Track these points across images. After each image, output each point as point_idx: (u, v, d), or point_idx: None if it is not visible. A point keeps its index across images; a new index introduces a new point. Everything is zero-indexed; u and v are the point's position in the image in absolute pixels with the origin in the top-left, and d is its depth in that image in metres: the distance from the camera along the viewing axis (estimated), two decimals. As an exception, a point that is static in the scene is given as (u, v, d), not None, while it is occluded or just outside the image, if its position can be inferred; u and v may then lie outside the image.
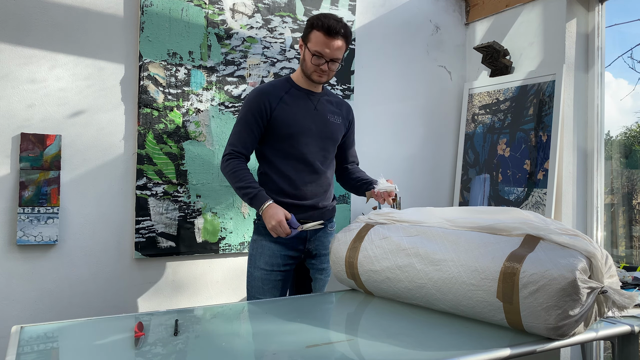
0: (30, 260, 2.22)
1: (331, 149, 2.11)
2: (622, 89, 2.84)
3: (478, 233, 1.55)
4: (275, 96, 2.01)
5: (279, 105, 2.00)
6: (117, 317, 1.61)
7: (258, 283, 2.03)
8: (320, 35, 1.92)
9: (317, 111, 2.06)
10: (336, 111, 2.13)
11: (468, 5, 3.31)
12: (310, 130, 2.03)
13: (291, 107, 2.01)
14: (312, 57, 1.95)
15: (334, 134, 2.10)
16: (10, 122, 2.18)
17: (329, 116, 2.09)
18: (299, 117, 2.01)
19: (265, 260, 2.02)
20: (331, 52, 1.94)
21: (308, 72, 2.00)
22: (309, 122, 2.03)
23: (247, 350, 1.31)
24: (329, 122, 2.08)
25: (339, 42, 1.95)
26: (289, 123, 1.99)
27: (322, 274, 2.15)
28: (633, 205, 2.78)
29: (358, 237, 1.83)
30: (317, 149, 2.05)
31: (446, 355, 1.25)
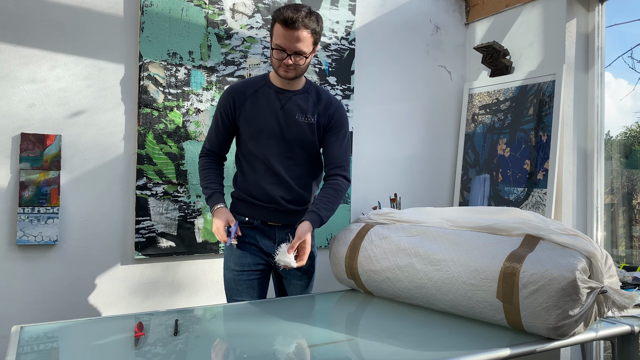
0: (30, 260, 2.22)
1: (297, 150, 1.96)
2: (622, 89, 2.84)
3: (478, 233, 1.55)
4: (242, 94, 1.96)
5: (245, 103, 1.95)
6: (117, 317, 1.61)
7: (232, 285, 1.98)
8: (279, 27, 1.81)
9: (283, 111, 1.95)
10: (310, 110, 1.96)
11: (468, 5, 3.31)
12: (272, 130, 1.93)
13: (255, 106, 1.95)
14: (274, 51, 1.85)
15: (300, 134, 1.95)
16: (10, 122, 2.18)
17: (297, 116, 1.95)
18: (260, 117, 1.94)
19: (235, 261, 1.97)
20: (291, 44, 1.81)
21: (274, 68, 1.90)
22: (272, 122, 1.93)
23: (247, 350, 1.31)
24: (296, 123, 1.94)
25: (301, 34, 1.80)
26: (250, 122, 1.94)
27: (301, 279, 2.05)
28: (633, 205, 2.78)
29: (358, 237, 1.83)
30: (279, 150, 1.94)
31: (446, 355, 1.25)
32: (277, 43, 1.83)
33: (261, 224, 1.98)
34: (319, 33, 1.88)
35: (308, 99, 1.99)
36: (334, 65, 2.85)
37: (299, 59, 1.85)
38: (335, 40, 2.86)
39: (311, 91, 2.01)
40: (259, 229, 1.98)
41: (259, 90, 1.97)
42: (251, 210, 1.98)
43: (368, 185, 3.00)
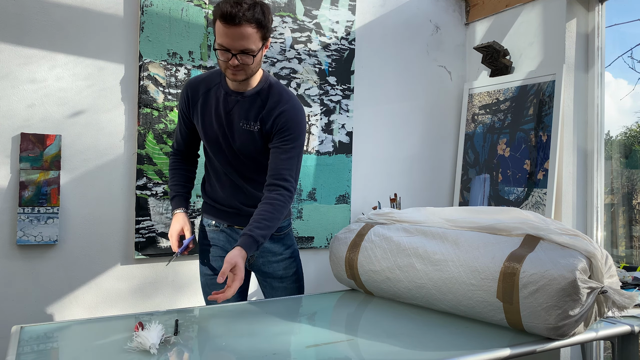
0: (30, 260, 2.22)
1: (245, 160, 1.80)
2: (622, 89, 2.84)
3: (478, 233, 1.55)
4: (196, 92, 1.81)
5: (197, 103, 1.80)
6: (117, 317, 1.61)
7: (206, 289, 1.95)
8: (220, 25, 1.58)
9: (229, 115, 1.76)
10: (255, 116, 1.75)
11: (468, 5, 3.31)
12: (217, 138, 1.79)
13: (204, 109, 1.79)
14: (218, 52, 1.63)
15: (244, 144, 1.76)
16: (10, 122, 2.18)
17: (241, 122, 1.75)
18: (207, 123, 1.79)
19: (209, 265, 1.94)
20: (235, 42, 1.58)
21: (222, 70, 1.69)
22: (216, 128, 1.78)
23: (247, 350, 1.31)
24: (239, 130, 1.76)
25: (244, 30, 1.57)
26: (200, 126, 1.82)
27: (283, 282, 1.95)
28: (633, 205, 2.78)
29: (358, 237, 1.83)
30: (229, 158, 1.81)
31: (446, 355, 1.25)
32: (220, 42, 1.60)
33: (227, 228, 1.91)
34: (266, 26, 1.63)
35: (254, 103, 1.76)
36: (334, 65, 2.85)
37: (246, 58, 1.62)
38: (335, 40, 2.86)
39: (263, 92, 1.76)
40: (226, 232, 1.92)
41: (211, 90, 1.80)
42: (216, 214, 1.92)
43: (368, 185, 3.00)
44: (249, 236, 1.64)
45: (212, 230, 1.94)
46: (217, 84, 1.79)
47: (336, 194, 2.87)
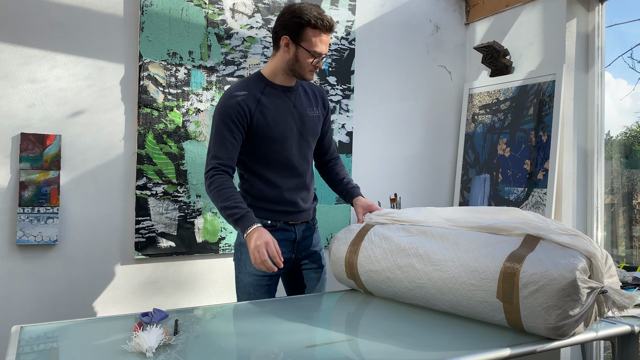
0: (30, 260, 2.22)
1: (312, 146, 2.02)
2: (622, 88, 2.84)
3: (478, 233, 1.55)
4: (251, 99, 1.86)
5: (257, 107, 1.86)
6: (117, 317, 1.61)
7: (249, 289, 1.93)
8: (319, 33, 1.81)
9: (295, 109, 1.93)
10: (313, 102, 2.00)
11: (468, 5, 3.31)
12: (292, 132, 1.91)
13: (270, 109, 1.88)
14: (312, 58, 1.84)
15: (315, 128, 1.99)
16: (10, 122, 2.18)
17: (307, 111, 1.97)
18: (279, 120, 1.89)
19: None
20: (327, 48, 1.87)
21: (302, 72, 1.87)
22: (290, 123, 1.91)
23: (247, 350, 1.31)
24: (308, 118, 1.96)
25: (331, 36, 1.91)
26: (270, 127, 1.87)
27: (317, 272, 2.06)
28: (633, 205, 2.78)
29: (358, 237, 1.83)
30: (299, 149, 1.94)
31: (446, 355, 1.25)
32: (316, 50, 1.82)
33: (283, 224, 1.96)
34: None
35: (306, 93, 2.01)
36: (334, 65, 2.85)
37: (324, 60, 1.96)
38: (335, 40, 2.86)
39: (300, 85, 2.01)
40: (280, 230, 1.95)
41: (265, 92, 1.90)
42: (270, 214, 1.94)
43: (368, 185, 3.00)
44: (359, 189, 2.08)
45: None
46: (264, 87, 1.91)
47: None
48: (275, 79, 1.92)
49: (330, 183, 2.16)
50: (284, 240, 1.96)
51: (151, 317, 1.50)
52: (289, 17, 1.82)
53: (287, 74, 1.90)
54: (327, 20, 1.81)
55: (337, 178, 2.12)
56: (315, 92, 2.04)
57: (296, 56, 1.84)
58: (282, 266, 1.70)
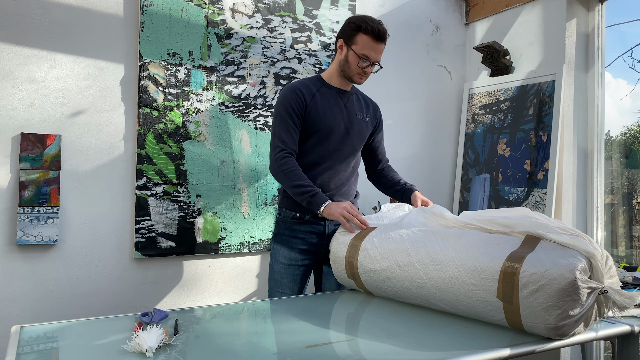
0: (30, 260, 2.22)
1: (358, 147, 2.13)
2: (621, 89, 2.84)
3: (478, 233, 1.55)
4: (308, 91, 2.02)
5: (312, 100, 2.01)
6: (117, 317, 1.61)
7: (277, 277, 2.06)
8: (369, 39, 1.95)
9: (346, 109, 2.08)
10: (364, 109, 2.15)
11: (468, 5, 3.31)
12: (339, 128, 2.04)
13: (322, 104, 2.03)
14: (359, 61, 1.98)
15: (362, 132, 2.12)
16: (10, 122, 2.18)
17: (357, 114, 2.10)
18: (329, 115, 2.03)
19: (284, 255, 2.05)
20: (377, 55, 1.99)
21: (351, 74, 2.02)
22: (339, 120, 2.04)
23: (247, 350, 1.31)
24: (357, 120, 2.10)
25: (384, 46, 2.00)
26: (320, 119, 2.01)
27: None
28: (633, 205, 2.78)
29: (358, 237, 1.83)
30: (344, 146, 2.06)
31: (446, 355, 1.25)
32: (364, 53, 1.96)
33: (312, 218, 2.03)
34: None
35: (359, 101, 2.16)
36: (334, 65, 2.85)
37: (375, 67, 2.05)
38: (335, 40, 2.85)
39: (356, 93, 2.17)
40: (309, 222, 2.04)
41: (320, 90, 2.05)
42: (302, 206, 2.01)
43: (368, 185, 2.99)
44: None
45: (295, 222, 2.04)
46: (320, 86, 2.06)
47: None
48: (331, 80, 2.08)
49: (385, 187, 2.26)
50: (311, 233, 2.05)
51: (151, 317, 1.50)
52: (347, 22, 2.01)
53: (340, 76, 2.06)
54: (378, 29, 1.95)
55: (393, 180, 2.24)
56: (369, 103, 2.20)
57: (346, 58, 2.01)
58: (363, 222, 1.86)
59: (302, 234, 2.04)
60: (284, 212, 2.08)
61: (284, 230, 2.07)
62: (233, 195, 2.59)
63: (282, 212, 2.09)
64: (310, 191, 1.92)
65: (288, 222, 2.06)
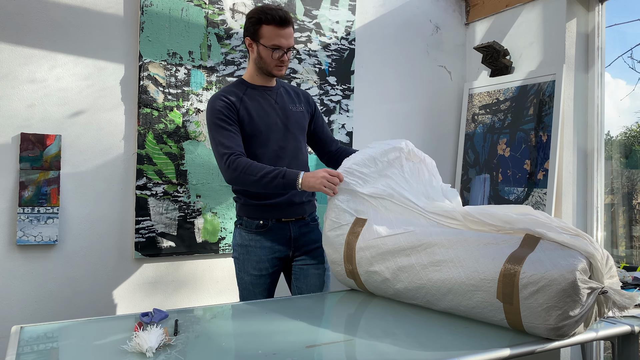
0: (30, 260, 2.22)
1: (301, 139, 2.08)
2: (621, 89, 2.84)
3: (478, 234, 1.55)
4: (235, 96, 1.96)
5: (241, 104, 1.96)
6: (117, 317, 1.61)
7: (249, 287, 2.03)
8: (273, 28, 1.90)
9: (278, 104, 2.03)
10: (295, 99, 2.10)
11: (468, 5, 3.31)
12: (277, 125, 2.00)
13: (253, 105, 1.98)
14: (272, 52, 1.92)
15: (300, 122, 2.07)
16: (10, 122, 2.18)
17: (290, 106, 2.06)
18: (262, 115, 1.98)
19: (254, 266, 2.01)
20: (288, 41, 1.93)
21: (269, 68, 1.96)
22: (274, 117, 2.00)
23: (247, 350, 1.31)
24: (292, 113, 2.05)
25: (291, 29, 1.94)
26: (255, 122, 1.96)
27: (319, 268, 2.09)
28: (633, 205, 2.78)
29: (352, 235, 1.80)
30: (286, 142, 2.01)
31: (446, 355, 1.25)
32: (274, 43, 1.91)
33: (275, 223, 2.01)
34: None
35: (288, 92, 2.11)
36: (333, 65, 2.85)
37: (290, 54, 1.99)
38: (335, 40, 2.86)
39: (282, 86, 2.11)
40: (274, 229, 2.00)
41: (246, 93, 2.00)
42: (263, 213, 1.99)
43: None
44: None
45: (259, 231, 2.00)
46: (245, 89, 2.00)
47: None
48: (254, 80, 2.03)
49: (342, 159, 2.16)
50: (278, 239, 2.01)
51: (151, 317, 1.50)
52: (247, 19, 1.96)
53: (260, 73, 2.01)
54: (279, 15, 1.89)
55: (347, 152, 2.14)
56: (298, 92, 2.15)
57: (259, 54, 1.95)
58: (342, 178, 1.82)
59: (268, 243, 2.01)
60: (245, 222, 2.02)
61: (249, 241, 2.01)
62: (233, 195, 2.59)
63: (243, 221, 2.03)
64: (278, 173, 1.82)
65: (252, 232, 2.01)
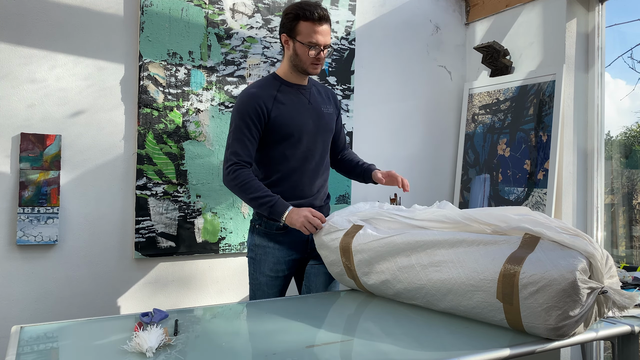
0: (30, 260, 2.22)
1: (328, 141, 2.07)
2: (620, 89, 2.84)
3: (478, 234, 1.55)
4: (268, 96, 1.93)
5: (274, 105, 1.92)
6: (117, 317, 1.61)
7: (264, 288, 2.02)
8: (310, 25, 1.87)
9: (311, 105, 2.00)
10: (326, 100, 2.08)
11: (468, 5, 3.31)
12: (309, 126, 1.97)
13: (287, 106, 1.94)
14: (309, 50, 1.89)
15: (329, 125, 2.06)
16: (10, 122, 2.18)
17: (322, 108, 2.04)
18: (296, 115, 1.95)
19: (270, 267, 2.00)
20: (325, 38, 1.90)
21: (304, 66, 1.93)
22: (307, 119, 1.97)
23: (247, 350, 1.31)
24: (324, 115, 2.03)
25: (328, 27, 1.91)
26: (288, 123, 1.93)
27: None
28: (633, 205, 2.78)
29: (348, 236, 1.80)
30: (317, 145, 2.00)
31: (446, 355, 1.25)
32: (310, 41, 1.88)
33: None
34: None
35: (319, 92, 2.08)
36: (333, 65, 2.85)
37: (326, 52, 1.94)
38: (335, 40, 2.86)
39: (313, 84, 2.09)
40: (292, 231, 1.96)
41: (281, 90, 1.96)
42: None
43: (368, 185, 2.99)
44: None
45: (279, 233, 1.98)
46: (279, 86, 1.97)
47: (336, 194, 2.87)
48: (288, 77, 1.99)
49: (347, 171, 2.21)
50: (294, 242, 2.00)
51: (151, 317, 1.50)
52: (284, 15, 1.93)
53: (295, 71, 1.97)
54: (317, 12, 1.86)
55: (352, 163, 2.19)
56: (328, 92, 2.13)
57: (295, 51, 1.92)
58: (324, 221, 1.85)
59: (287, 245, 2.00)
60: (265, 223, 1.99)
61: (268, 242, 2.00)
62: (233, 195, 2.59)
63: (263, 222, 2.00)
64: (269, 202, 1.84)
65: (272, 233, 1.99)
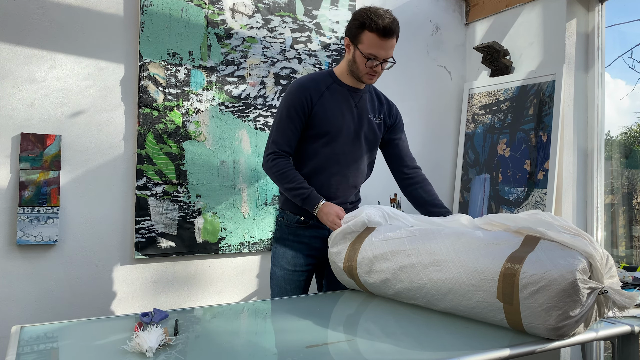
0: (30, 260, 2.22)
1: (367, 149, 2.02)
2: (620, 89, 2.84)
3: (478, 234, 1.55)
4: (316, 90, 1.91)
5: (319, 100, 1.91)
6: (117, 317, 1.61)
7: (281, 283, 2.00)
8: (374, 37, 1.81)
9: (357, 109, 1.97)
10: (377, 109, 2.03)
11: (468, 5, 3.31)
12: (349, 129, 1.94)
13: (331, 104, 1.92)
14: (367, 61, 1.85)
15: (374, 133, 2.01)
16: (10, 122, 2.18)
17: (369, 115, 1.99)
18: (338, 115, 1.92)
19: (288, 261, 1.99)
20: (386, 52, 1.85)
21: (360, 75, 1.90)
22: (348, 121, 1.94)
23: (247, 350, 1.31)
24: (368, 122, 1.99)
25: (393, 42, 1.84)
26: (328, 120, 1.91)
27: None
28: (633, 205, 2.78)
29: (359, 238, 1.82)
30: (354, 149, 1.97)
31: (446, 355, 1.25)
32: (371, 52, 1.83)
33: (316, 222, 1.96)
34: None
35: (373, 99, 2.03)
36: (333, 66, 2.85)
37: (386, 65, 1.89)
38: (335, 40, 2.86)
39: (371, 91, 2.05)
40: (314, 227, 1.97)
41: (330, 87, 1.95)
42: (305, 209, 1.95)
43: (368, 185, 2.99)
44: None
45: (299, 226, 1.98)
46: (331, 83, 1.95)
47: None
48: (343, 78, 1.97)
49: (419, 204, 2.09)
50: (315, 237, 1.99)
51: (151, 317, 1.50)
52: (352, 19, 1.88)
53: (351, 75, 1.94)
54: (384, 25, 1.79)
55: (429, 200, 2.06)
56: (383, 101, 2.07)
57: (354, 58, 1.89)
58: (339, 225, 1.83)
59: (306, 239, 1.99)
60: (287, 215, 2.00)
61: (287, 235, 2.00)
62: (233, 195, 2.59)
63: (285, 214, 2.01)
64: (302, 193, 1.87)
65: (292, 226, 2.00)
